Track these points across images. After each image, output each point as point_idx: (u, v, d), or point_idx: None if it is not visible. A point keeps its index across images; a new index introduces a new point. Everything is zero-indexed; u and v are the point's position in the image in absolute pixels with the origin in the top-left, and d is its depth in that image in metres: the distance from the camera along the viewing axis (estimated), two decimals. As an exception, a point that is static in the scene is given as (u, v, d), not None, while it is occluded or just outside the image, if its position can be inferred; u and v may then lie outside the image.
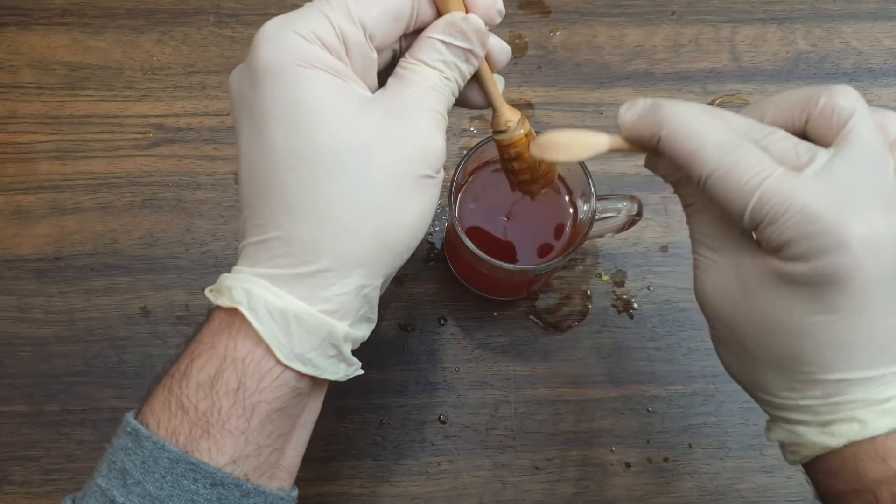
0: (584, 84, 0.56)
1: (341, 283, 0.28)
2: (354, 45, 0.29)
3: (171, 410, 0.28)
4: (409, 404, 0.50)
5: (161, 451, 0.27)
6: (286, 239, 0.28)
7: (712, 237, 0.31)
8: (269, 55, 0.28)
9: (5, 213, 0.52)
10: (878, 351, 0.28)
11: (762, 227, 0.28)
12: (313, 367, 0.29)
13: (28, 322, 0.50)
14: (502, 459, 0.49)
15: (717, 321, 0.31)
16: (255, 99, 0.28)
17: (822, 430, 0.29)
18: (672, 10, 0.58)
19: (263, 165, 0.28)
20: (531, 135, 0.34)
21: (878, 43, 0.58)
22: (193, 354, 0.29)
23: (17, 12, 0.56)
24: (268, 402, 0.28)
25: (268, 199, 0.28)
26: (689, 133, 0.29)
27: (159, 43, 0.56)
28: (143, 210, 0.52)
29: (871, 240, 0.26)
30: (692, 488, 0.49)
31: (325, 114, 0.28)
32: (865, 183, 0.27)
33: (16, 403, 0.49)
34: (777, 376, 0.30)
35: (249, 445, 0.28)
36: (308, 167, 0.28)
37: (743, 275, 0.29)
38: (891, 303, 0.28)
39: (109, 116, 0.54)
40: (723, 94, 0.56)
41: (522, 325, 0.51)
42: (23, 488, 0.48)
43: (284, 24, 0.28)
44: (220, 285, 0.29)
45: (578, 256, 0.53)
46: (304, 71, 0.28)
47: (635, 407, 0.50)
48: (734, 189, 0.27)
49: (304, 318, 0.28)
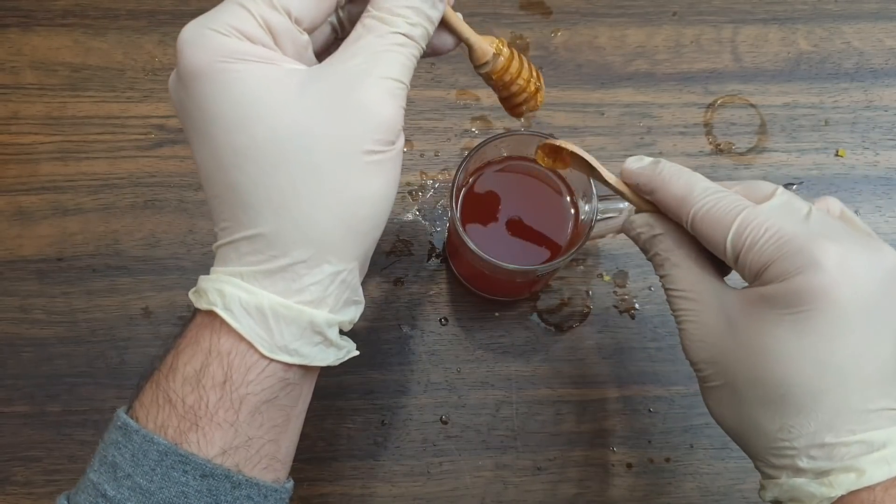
0: (586, 84, 0.56)
1: (312, 272, 0.28)
2: (282, 33, 0.28)
3: (159, 404, 0.28)
4: (410, 405, 0.50)
5: (150, 444, 0.27)
6: (250, 237, 0.28)
7: (690, 287, 0.32)
8: (193, 58, 0.27)
9: (7, 213, 0.52)
10: (866, 381, 0.28)
11: (744, 253, 0.30)
12: (300, 356, 0.29)
13: (30, 323, 0.50)
14: (504, 460, 0.49)
15: (708, 366, 0.32)
16: (190, 104, 0.28)
17: (820, 482, 0.28)
18: (673, 10, 0.58)
19: (214, 168, 0.28)
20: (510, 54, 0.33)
21: (880, 43, 0.58)
22: (178, 349, 0.29)
23: (18, 13, 0.56)
24: (255, 394, 0.28)
25: (225, 200, 0.28)
26: (681, 180, 0.32)
27: (161, 44, 0.56)
28: (144, 211, 0.52)
29: (843, 262, 0.28)
30: (694, 489, 0.49)
31: (258, 107, 0.27)
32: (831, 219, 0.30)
33: (18, 404, 0.49)
34: (769, 416, 0.30)
35: (239, 437, 0.28)
36: (253, 164, 0.27)
37: (728, 312, 0.31)
38: (875, 332, 0.29)
39: (111, 117, 0.54)
40: (724, 94, 0.56)
41: (524, 326, 0.51)
42: (25, 489, 0.48)
43: (203, 23, 0.28)
44: (199, 287, 0.29)
45: (580, 257, 0.53)
46: (230, 67, 0.27)
47: (637, 407, 0.50)
48: (718, 220, 0.31)
49: (280, 310, 0.28)
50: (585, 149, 0.36)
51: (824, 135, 0.56)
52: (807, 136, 0.56)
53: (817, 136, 0.56)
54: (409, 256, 0.52)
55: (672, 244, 0.33)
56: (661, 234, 0.34)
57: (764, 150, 0.55)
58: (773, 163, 0.55)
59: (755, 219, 0.30)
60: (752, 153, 0.55)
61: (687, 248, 0.33)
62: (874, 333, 0.29)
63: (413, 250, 0.53)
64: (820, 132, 0.56)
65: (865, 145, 0.56)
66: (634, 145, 0.55)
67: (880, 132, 0.56)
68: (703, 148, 0.55)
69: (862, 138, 0.56)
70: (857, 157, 0.55)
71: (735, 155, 0.55)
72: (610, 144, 0.55)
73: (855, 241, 0.29)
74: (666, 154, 0.55)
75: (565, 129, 0.55)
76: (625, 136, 0.55)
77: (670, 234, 0.33)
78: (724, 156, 0.55)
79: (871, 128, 0.56)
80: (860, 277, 0.28)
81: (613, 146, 0.55)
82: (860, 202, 0.54)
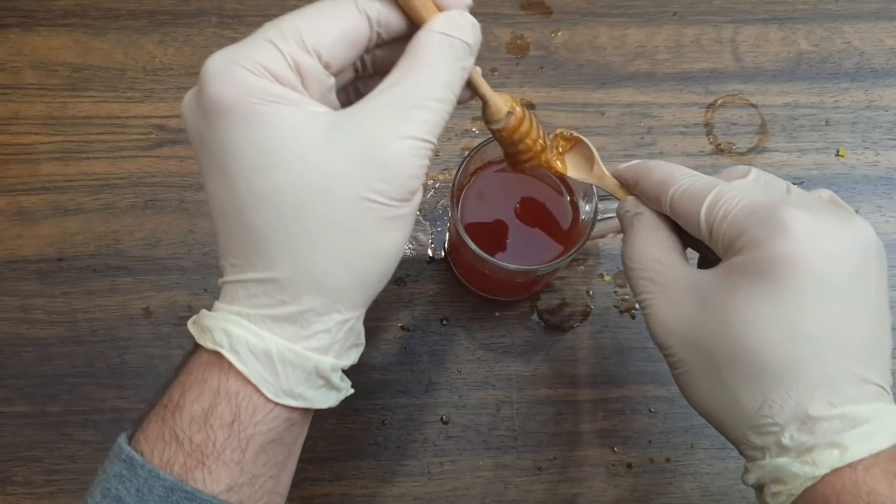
0: (586, 84, 0.56)
1: (321, 320, 0.28)
2: (311, 75, 0.27)
3: (166, 440, 0.28)
4: (411, 405, 0.50)
5: (156, 479, 0.27)
6: (262, 280, 0.28)
7: (653, 266, 0.33)
8: (218, 93, 0.26)
9: (8, 214, 0.52)
10: (845, 353, 0.28)
11: (717, 225, 0.31)
12: (304, 399, 0.29)
13: (30, 323, 0.50)
14: (504, 460, 0.49)
15: (681, 349, 0.32)
16: (211, 138, 0.27)
17: (803, 460, 0.28)
18: (674, 10, 0.58)
19: (230, 205, 0.28)
20: (522, 114, 0.34)
21: (881, 43, 0.58)
22: (185, 387, 0.28)
23: (19, 13, 0.56)
24: (262, 433, 0.28)
25: (238, 239, 0.28)
26: (663, 168, 0.34)
27: (161, 44, 0.56)
28: (145, 211, 0.52)
29: (815, 230, 0.28)
30: (694, 489, 0.49)
31: (282, 153, 0.26)
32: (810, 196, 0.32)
33: (18, 404, 0.49)
34: (750, 392, 0.29)
35: (244, 475, 0.28)
36: (272, 209, 0.27)
37: (701, 291, 0.31)
38: (853, 304, 0.29)
39: (112, 117, 0.54)
40: (725, 94, 0.56)
41: (524, 326, 0.51)
42: (25, 489, 0.48)
43: (231, 58, 0.27)
44: (201, 323, 0.29)
45: (580, 257, 0.53)
46: (258, 108, 0.26)
47: (637, 407, 0.50)
48: (693, 196, 0.32)
49: (288, 355, 0.28)
50: None
51: (825, 135, 0.56)
52: (807, 136, 0.56)
53: (818, 136, 0.56)
54: (409, 257, 0.52)
55: (647, 223, 0.34)
56: (642, 213, 0.35)
57: (764, 149, 0.55)
58: (773, 163, 0.55)
59: (729, 191, 0.31)
60: (753, 153, 0.55)
61: (657, 230, 0.34)
62: (852, 305, 0.29)
63: (414, 250, 0.53)
64: (820, 132, 0.56)
65: (866, 145, 0.56)
66: (635, 145, 0.55)
67: (881, 132, 0.56)
68: (704, 148, 0.55)
69: (862, 138, 0.56)
70: (857, 157, 0.55)
71: (735, 155, 0.55)
72: (610, 144, 0.55)
73: (832, 214, 0.30)
74: (666, 154, 0.55)
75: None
76: (625, 136, 0.55)
77: (649, 215, 0.35)
78: (725, 156, 0.55)
79: (871, 128, 0.56)
80: (834, 247, 0.28)
81: (614, 146, 0.55)
82: (861, 202, 0.54)
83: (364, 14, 0.28)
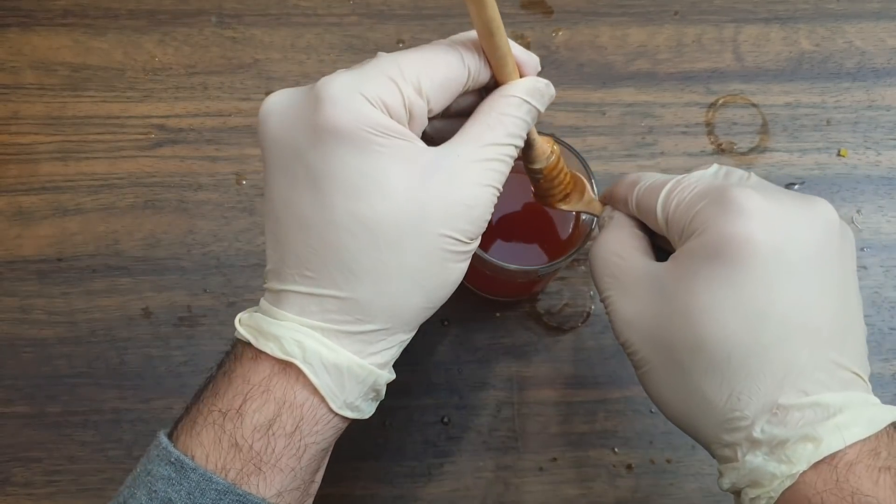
0: (587, 84, 0.56)
1: (388, 339, 0.30)
2: (417, 117, 0.29)
3: (223, 447, 0.28)
4: (411, 405, 0.49)
5: (208, 483, 0.27)
6: (342, 298, 0.29)
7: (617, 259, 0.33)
8: (339, 118, 0.28)
9: (7, 214, 0.52)
10: (812, 336, 0.28)
11: (671, 212, 0.31)
12: (359, 412, 0.31)
13: (30, 323, 0.50)
14: (505, 461, 0.49)
15: (643, 344, 0.31)
16: (316, 156, 0.28)
17: (778, 458, 0.27)
18: (675, 9, 0.58)
19: (320, 223, 0.28)
20: (559, 153, 0.36)
21: (882, 43, 0.58)
22: (246, 395, 0.29)
23: (18, 13, 0.56)
24: (317, 443, 0.29)
25: (321, 255, 0.29)
26: (633, 175, 0.36)
27: (161, 44, 0.56)
28: (144, 211, 0.52)
29: (769, 210, 0.28)
30: (695, 490, 0.49)
31: (388, 183, 0.28)
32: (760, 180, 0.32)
33: (17, 404, 0.49)
34: (716, 385, 0.29)
35: (296, 481, 0.29)
36: (368, 234, 0.28)
37: (660, 283, 0.31)
38: (818, 285, 0.28)
39: (111, 117, 0.54)
40: (726, 94, 0.56)
41: (525, 326, 0.51)
42: (24, 489, 0.47)
43: (354, 86, 0.28)
44: (264, 329, 0.29)
45: (581, 257, 0.53)
46: (371, 138, 0.28)
47: (638, 408, 0.50)
48: (653, 189, 0.33)
49: (356, 370, 0.29)
50: (587, 148, 0.37)
51: (826, 134, 0.56)
52: (809, 136, 0.55)
53: (819, 135, 0.56)
54: (409, 257, 0.52)
55: (615, 223, 0.35)
56: (613, 215, 0.36)
57: (766, 149, 0.55)
58: (774, 162, 0.55)
59: (685, 180, 0.32)
60: (754, 153, 0.55)
61: (621, 229, 0.35)
62: (817, 286, 0.28)
63: (414, 250, 0.52)
64: (822, 132, 0.56)
65: (867, 145, 0.55)
66: (636, 145, 0.55)
67: (882, 132, 0.56)
68: (705, 147, 0.55)
69: (864, 138, 0.56)
70: (859, 156, 0.55)
71: (737, 155, 0.55)
72: (611, 144, 0.55)
73: (789, 195, 0.30)
74: (667, 154, 0.54)
75: (567, 129, 0.55)
76: (626, 136, 0.55)
77: (618, 215, 0.36)
78: (726, 155, 0.55)
79: (873, 128, 0.56)
80: (791, 225, 0.28)
81: (615, 146, 0.55)
82: (862, 202, 0.54)
83: (467, 68, 0.30)
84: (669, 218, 0.31)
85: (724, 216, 0.28)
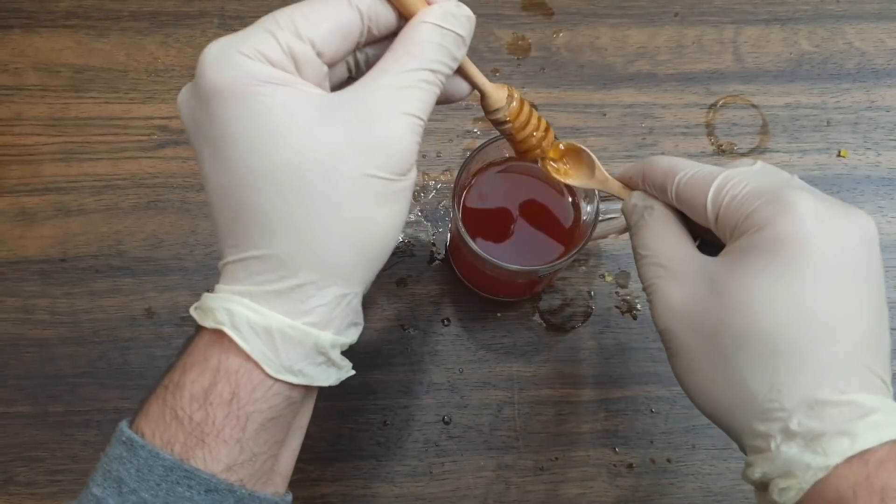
0: (587, 85, 0.56)
1: (320, 294, 0.29)
2: (304, 61, 0.28)
3: (166, 421, 0.28)
4: (412, 405, 0.50)
5: (156, 459, 0.27)
6: (262, 257, 0.28)
7: (663, 251, 0.33)
8: (217, 77, 0.27)
9: (10, 214, 0.52)
10: (853, 339, 0.28)
11: (724, 208, 0.31)
12: (304, 376, 0.29)
13: (33, 323, 0.50)
14: (506, 460, 0.49)
15: (686, 331, 0.31)
16: (209, 122, 0.28)
17: (813, 450, 0.28)
18: (675, 11, 0.58)
19: (228, 187, 0.28)
20: (520, 99, 0.35)
21: (882, 43, 0.58)
22: (186, 366, 0.29)
23: (21, 15, 0.56)
24: (261, 411, 0.29)
25: (239, 220, 0.28)
26: (666, 160, 0.35)
27: (163, 45, 0.56)
28: (147, 212, 0.52)
29: (820, 214, 0.29)
30: (696, 489, 0.49)
31: (280, 131, 0.27)
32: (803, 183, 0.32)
33: (21, 404, 0.49)
34: (758, 376, 0.29)
35: (244, 453, 0.28)
36: (273, 186, 0.27)
37: (710, 276, 0.31)
38: (859, 291, 0.29)
39: (114, 118, 0.54)
40: (726, 94, 0.56)
41: (526, 326, 0.51)
42: (28, 489, 0.48)
43: (228, 45, 0.28)
44: (204, 305, 0.29)
45: (582, 257, 0.53)
46: (254, 90, 0.27)
47: (639, 408, 0.50)
48: (699, 182, 0.32)
49: (288, 332, 0.28)
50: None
51: (826, 135, 0.56)
52: (808, 137, 0.56)
53: (819, 136, 0.56)
54: (411, 257, 0.52)
55: (659, 215, 0.35)
56: (653, 206, 0.35)
57: (766, 150, 0.55)
58: (774, 163, 0.54)
59: (736, 177, 0.31)
60: (754, 153, 0.55)
61: (668, 221, 0.34)
62: (857, 294, 0.29)
63: (415, 251, 0.53)
64: (822, 133, 0.56)
65: (867, 146, 0.56)
66: (636, 146, 0.55)
67: (882, 132, 0.56)
68: (705, 148, 0.55)
69: (864, 139, 0.56)
70: (859, 157, 0.55)
71: (737, 155, 0.55)
72: (612, 145, 0.55)
73: (834, 202, 0.30)
74: (668, 154, 0.55)
75: (567, 130, 0.55)
76: (627, 137, 0.55)
77: (660, 207, 0.35)
78: (726, 156, 0.55)
79: (872, 128, 0.56)
80: (838, 232, 0.29)
81: (615, 147, 0.55)
82: (862, 203, 0.54)
83: (356, 8, 0.29)
84: (721, 213, 0.31)
85: (783, 217, 0.29)
